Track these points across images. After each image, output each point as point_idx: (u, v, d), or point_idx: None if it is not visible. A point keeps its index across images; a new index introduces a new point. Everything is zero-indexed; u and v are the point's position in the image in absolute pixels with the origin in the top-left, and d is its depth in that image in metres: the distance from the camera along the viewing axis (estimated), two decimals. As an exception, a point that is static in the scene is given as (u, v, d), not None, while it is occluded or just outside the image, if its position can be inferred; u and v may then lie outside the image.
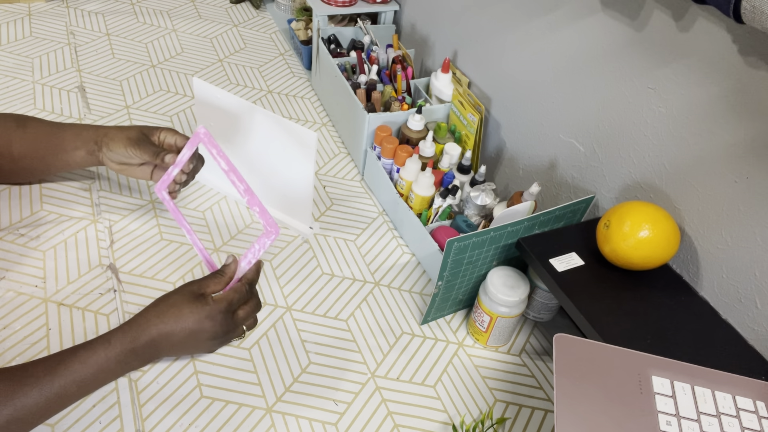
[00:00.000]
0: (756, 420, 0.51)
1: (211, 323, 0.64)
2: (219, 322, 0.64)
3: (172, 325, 0.63)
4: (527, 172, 0.92)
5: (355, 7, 1.14)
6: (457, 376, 0.73)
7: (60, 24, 1.18)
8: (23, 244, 0.78)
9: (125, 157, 0.76)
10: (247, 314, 0.68)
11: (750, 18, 0.50)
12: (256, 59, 1.20)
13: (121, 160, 0.76)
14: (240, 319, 0.67)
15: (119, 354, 0.61)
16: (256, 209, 0.64)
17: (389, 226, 0.91)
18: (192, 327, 0.63)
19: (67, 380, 0.58)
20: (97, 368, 0.60)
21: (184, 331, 0.63)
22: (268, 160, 0.83)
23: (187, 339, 0.64)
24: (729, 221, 0.63)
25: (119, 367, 0.62)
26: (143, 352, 0.63)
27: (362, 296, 0.80)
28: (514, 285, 0.72)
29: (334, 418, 0.67)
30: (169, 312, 0.63)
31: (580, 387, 0.52)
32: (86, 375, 0.59)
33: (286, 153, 0.80)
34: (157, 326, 0.63)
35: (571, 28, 0.78)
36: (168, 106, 1.04)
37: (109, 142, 0.76)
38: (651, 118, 0.69)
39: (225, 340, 0.68)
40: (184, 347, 0.66)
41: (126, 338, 0.62)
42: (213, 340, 0.66)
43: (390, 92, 0.99)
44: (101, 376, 0.61)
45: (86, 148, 0.77)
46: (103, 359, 0.60)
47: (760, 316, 0.62)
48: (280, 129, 0.79)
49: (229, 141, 0.84)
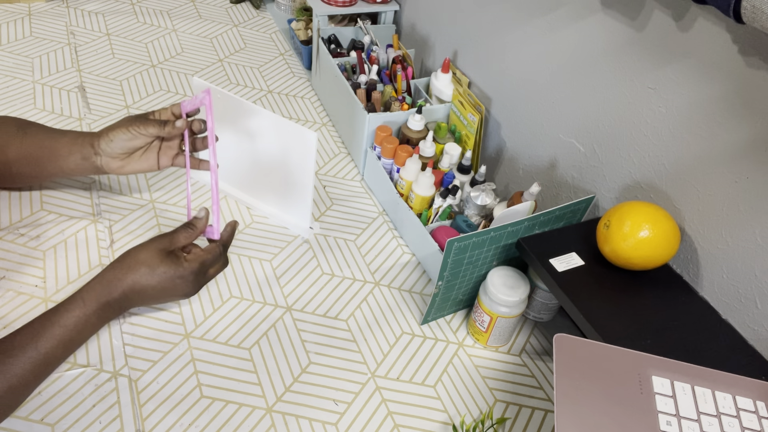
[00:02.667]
0: (756, 420, 0.51)
1: (183, 282, 0.67)
2: (191, 282, 0.67)
3: (145, 280, 0.65)
4: (527, 172, 0.92)
5: (355, 7, 1.14)
6: (457, 376, 0.73)
7: (60, 24, 1.18)
8: (23, 244, 0.78)
9: (128, 141, 0.73)
10: (216, 272, 0.71)
11: (750, 18, 0.50)
12: (256, 59, 1.20)
13: (124, 149, 0.73)
14: (210, 276, 0.70)
15: (95, 311, 0.64)
16: None
17: (389, 226, 0.91)
18: (164, 285, 0.66)
19: (51, 344, 0.61)
20: (78, 328, 0.63)
21: (157, 288, 0.66)
22: (268, 159, 0.83)
23: (159, 294, 0.67)
24: (729, 221, 0.63)
25: (98, 322, 0.65)
26: (118, 305, 0.66)
27: (362, 296, 0.80)
28: (514, 285, 0.72)
29: (334, 418, 0.67)
30: (141, 269, 0.65)
31: (580, 387, 0.52)
32: (69, 335, 0.63)
33: (287, 153, 0.80)
34: (129, 281, 0.65)
35: (571, 28, 0.78)
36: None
37: (107, 136, 0.73)
38: (651, 118, 0.69)
39: (194, 293, 0.70)
40: (156, 300, 0.68)
41: (100, 296, 0.64)
42: (184, 295, 0.69)
43: (390, 92, 0.99)
44: (84, 333, 0.64)
45: (81, 153, 0.75)
46: (82, 318, 0.63)
47: (760, 316, 0.62)
48: (280, 129, 0.79)
49: (229, 140, 0.85)
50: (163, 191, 0.89)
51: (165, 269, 0.66)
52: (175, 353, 0.70)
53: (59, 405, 0.63)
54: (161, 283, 0.66)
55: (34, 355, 0.60)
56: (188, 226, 0.70)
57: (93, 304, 0.64)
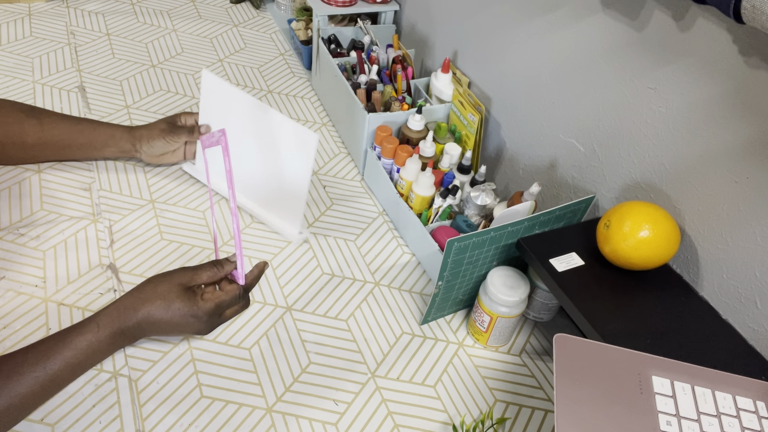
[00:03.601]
0: (756, 420, 0.51)
1: (196, 321, 0.66)
2: (204, 322, 0.67)
3: (158, 314, 0.65)
4: (527, 172, 0.92)
5: (355, 7, 1.14)
6: (457, 376, 0.73)
7: (60, 24, 1.18)
8: (23, 244, 0.78)
9: (165, 148, 0.87)
10: (233, 313, 0.70)
11: (750, 18, 0.50)
12: (256, 59, 1.20)
13: (161, 152, 0.87)
14: (226, 317, 0.69)
15: (108, 336, 0.64)
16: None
17: (389, 226, 0.91)
18: (177, 321, 0.66)
19: (59, 365, 0.61)
20: (89, 352, 0.63)
21: (170, 323, 0.66)
22: (266, 158, 0.83)
23: (171, 328, 0.66)
24: (729, 221, 0.63)
25: (109, 348, 0.65)
26: (131, 333, 0.66)
27: (362, 296, 0.80)
28: (514, 285, 0.72)
29: (334, 418, 0.67)
30: (157, 302, 0.65)
31: (580, 387, 0.52)
32: (78, 359, 0.62)
33: (286, 153, 0.80)
34: (144, 312, 0.65)
35: (571, 28, 0.78)
36: (168, 106, 1.04)
37: (148, 141, 0.86)
38: (651, 118, 0.69)
39: (207, 333, 0.69)
40: (168, 333, 0.68)
41: (114, 322, 0.64)
42: (196, 332, 0.68)
43: (390, 92, 0.99)
44: (92, 358, 0.64)
45: (119, 147, 0.87)
46: (95, 343, 0.63)
47: (760, 316, 0.62)
48: (282, 128, 0.79)
49: (230, 136, 0.84)
50: (163, 191, 0.89)
51: (180, 306, 0.65)
52: (175, 353, 0.70)
53: (59, 405, 0.63)
54: (174, 318, 0.65)
55: (42, 375, 0.59)
56: (215, 265, 0.69)
57: (107, 329, 0.63)
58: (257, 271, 0.71)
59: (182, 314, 0.65)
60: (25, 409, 0.60)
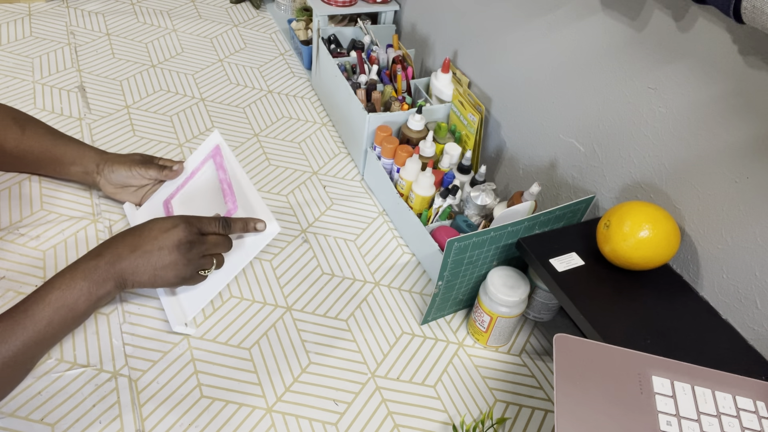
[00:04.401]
0: (756, 420, 0.51)
1: (172, 231, 0.66)
2: (183, 230, 0.66)
3: (128, 231, 0.66)
4: (527, 172, 0.92)
5: (355, 7, 1.14)
6: (457, 376, 0.73)
7: (60, 24, 1.18)
8: (23, 244, 0.78)
9: (127, 179, 0.81)
10: (215, 243, 0.69)
11: (750, 18, 0.50)
12: (256, 59, 1.20)
13: (121, 183, 0.81)
14: (209, 243, 0.69)
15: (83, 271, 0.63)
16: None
17: (389, 226, 0.91)
18: (149, 232, 0.65)
19: (47, 312, 0.60)
20: (65, 291, 0.61)
21: (140, 237, 0.65)
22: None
23: (143, 243, 0.65)
24: (729, 221, 0.63)
25: (87, 284, 0.63)
26: (106, 265, 0.64)
27: (362, 296, 0.80)
28: (514, 285, 0.72)
29: (334, 418, 0.67)
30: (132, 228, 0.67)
31: (580, 387, 0.52)
32: (61, 301, 0.61)
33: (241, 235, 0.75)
34: (115, 236, 0.66)
35: (571, 28, 0.78)
36: (168, 106, 1.04)
37: (112, 166, 0.80)
38: (651, 118, 0.69)
39: (191, 259, 0.67)
40: (145, 256, 0.65)
41: (86, 258, 0.64)
42: (174, 247, 0.66)
43: (390, 92, 0.99)
44: (74, 297, 0.62)
45: (84, 167, 0.81)
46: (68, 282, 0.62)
47: (761, 316, 0.62)
48: (255, 208, 0.74)
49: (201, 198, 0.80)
50: (163, 191, 0.89)
51: (158, 220, 0.66)
52: (175, 353, 0.70)
53: (59, 405, 0.63)
54: (146, 229, 0.65)
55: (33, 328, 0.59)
56: (223, 219, 0.71)
57: (80, 267, 0.63)
58: (242, 224, 0.71)
59: (154, 223, 0.66)
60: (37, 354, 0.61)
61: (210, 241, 0.69)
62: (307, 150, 1.01)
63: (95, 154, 0.82)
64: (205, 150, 0.81)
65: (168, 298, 0.73)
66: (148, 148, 0.95)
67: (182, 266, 0.66)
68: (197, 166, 0.81)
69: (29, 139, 0.80)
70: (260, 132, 1.03)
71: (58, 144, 0.81)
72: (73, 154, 0.81)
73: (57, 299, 0.60)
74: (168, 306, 0.72)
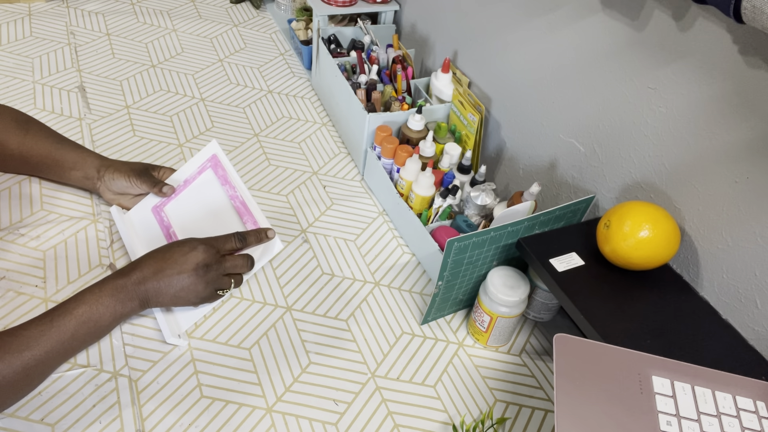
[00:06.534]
0: (756, 420, 0.51)
1: (191, 251, 0.68)
2: (201, 251, 0.68)
3: (155, 252, 0.68)
4: (527, 172, 0.92)
5: (355, 7, 1.14)
6: (457, 376, 0.73)
7: (60, 24, 1.18)
8: (23, 244, 0.78)
9: (125, 188, 0.81)
10: (234, 263, 0.72)
11: (750, 18, 0.49)
12: (256, 59, 1.20)
13: (120, 190, 0.82)
14: (227, 262, 0.71)
15: (110, 290, 0.65)
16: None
17: (389, 226, 0.91)
18: (172, 255, 0.68)
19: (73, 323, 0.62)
20: (92, 305, 0.64)
21: (165, 258, 0.68)
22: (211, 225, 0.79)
23: (168, 265, 0.67)
24: (729, 221, 0.63)
25: (113, 302, 0.65)
26: (133, 285, 0.66)
27: (362, 296, 0.80)
28: (514, 285, 0.72)
29: (334, 418, 0.67)
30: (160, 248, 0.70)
31: (580, 387, 0.52)
32: (85, 315, 0.63)
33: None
34: (144, 257, 0.68)
35: (571, 28, 0.78)
36: (168, 106, 1.04)
37: (113, 173, 0.81)
38: (651, 118, 0.69)
39: (209, 281, 0.69)
40: (169, 276, 0.67)
41: (115, 276, 0.66)
42: (195, 268, 0.68)
43: (390, 92, 0.99)
44: (100, 312, 0.64)
45: (85, 173, 0.82)
46: (95, 297, 0.64)
47: (761, 316, 0.62)
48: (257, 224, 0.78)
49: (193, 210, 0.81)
50: (163, 191, 0.89)
51: (178, 244, 0.69)
52: (175, 353, 0.70)
53: (59, 405, 0.63)
54: (167, 252, 0.68)
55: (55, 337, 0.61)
56: (238, 235, 0.73)
57: (107, 285, 0.65)
58: (255, 232, 0.74)
59: (176, 246, 0.68)
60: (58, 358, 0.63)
61: (228, 261, 0.71)
62: (307, 150, 1.01)
63: (96, 159, 0.82)
64: (201, 159, 0.82)
65: (162, 311, 0.72)
66: (148, 148, 0.95)
67: (201, 288, 0.69)
68: (192, 176, 0.82)
69: (32, 141, 0.80)
70: (260, 132, 1.03)
71: (59, 148, 0.82)
72: (75, 159, 0.82)
73: (83, 313, 0.63)
74: (162, 318, 0.71)
